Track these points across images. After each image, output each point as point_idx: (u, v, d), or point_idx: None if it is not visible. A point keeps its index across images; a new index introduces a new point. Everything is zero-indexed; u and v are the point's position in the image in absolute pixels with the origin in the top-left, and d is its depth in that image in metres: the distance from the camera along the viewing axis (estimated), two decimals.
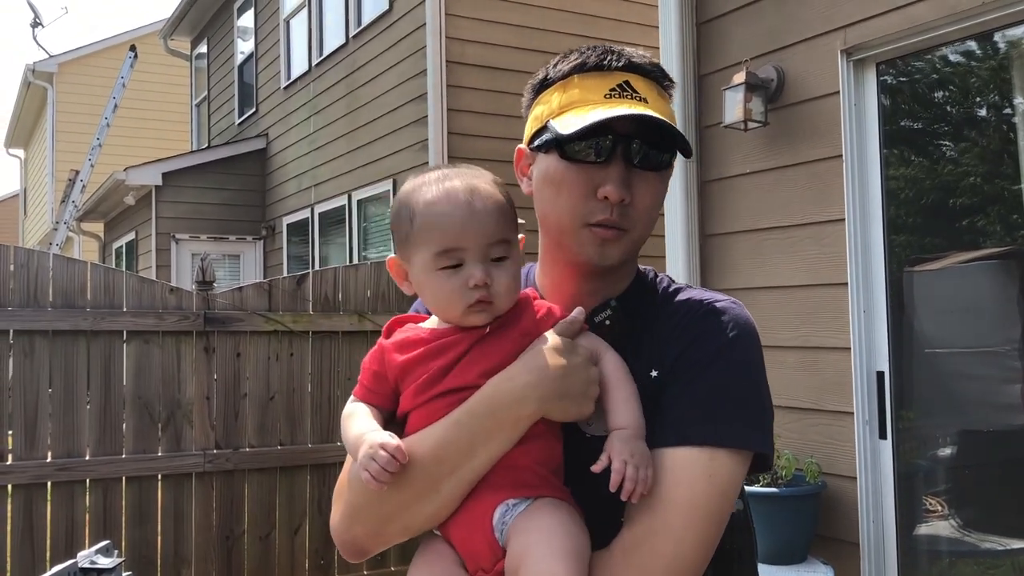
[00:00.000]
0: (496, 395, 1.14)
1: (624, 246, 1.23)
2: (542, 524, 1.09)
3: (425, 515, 1.17)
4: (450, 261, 1.17)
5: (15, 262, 4.09)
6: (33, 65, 18.01)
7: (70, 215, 12.89)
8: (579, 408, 1.15)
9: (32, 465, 4.04)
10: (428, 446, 1.15)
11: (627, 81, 1.23)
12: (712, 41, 4.10)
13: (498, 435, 1.14)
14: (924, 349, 3.59)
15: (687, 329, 1.23)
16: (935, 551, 3.56)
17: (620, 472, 1.09)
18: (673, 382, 1.20)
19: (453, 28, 7.43)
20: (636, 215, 1.22)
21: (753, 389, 1.22)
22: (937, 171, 3.55)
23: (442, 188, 1.19)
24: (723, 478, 1.15)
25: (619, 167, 1.20)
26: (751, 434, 1.19)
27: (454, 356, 1.18)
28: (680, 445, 1.15)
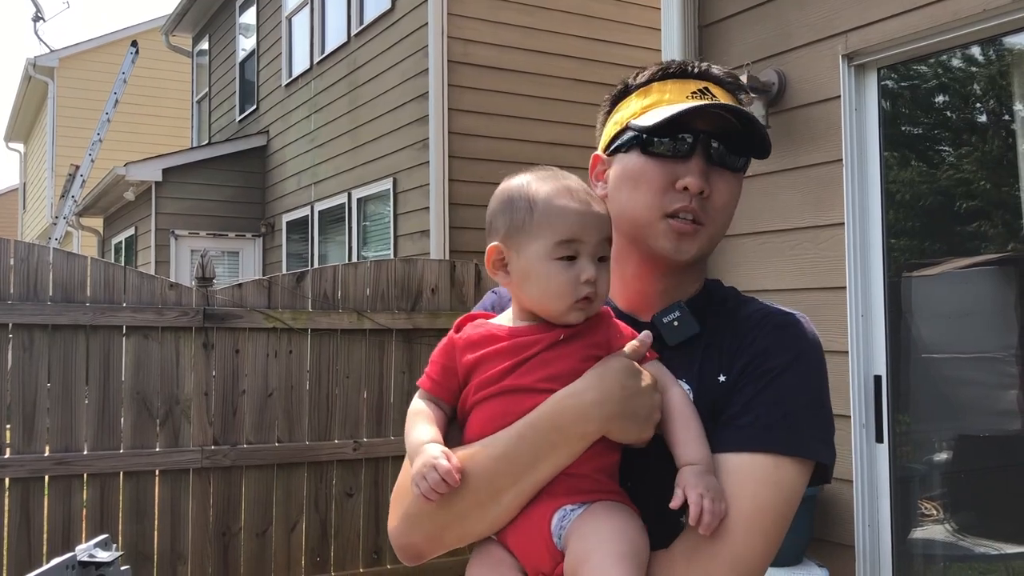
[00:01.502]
0: (561, 411, 1.14)
1: (700, 241, 1.25)
2: (600, 527, 1.11)
3: (484, 524, 1.18)
4: (567, 252, 1.18)
5: (15, 256, 4.10)
6: (34, 59, 18.00)
7: (69, 210, 12.88)
8: (640, 431, 1.15)
9: (30, 459, 4.05)
10: (490, 458, 1.15)
11: (706, 87, 1.28)
12: (714, 44, 4.11)
13: (562, 450, 1.14)
14: (921, 354, 3.60)
15: (759, 338, 1.25)
16: (930, 555, 3.57)
17: (698, 505, 1.10)
18: (741, 388, 1.21)
19: (455, 28, 7.44)
20: (713, 210, 1.25)
21: (819, 401, 1.24)
22: (936, 176, 3.56)
23: (562, 184, 1.22)
24: (787, 485, 1.17)
25: (699, 162, 1.24)
26: (816, 445, 1.21)
27: (524, 357, 1.19)
28: (747, 451, 1.17)
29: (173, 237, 11.05)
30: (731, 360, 1.24)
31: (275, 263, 10.97)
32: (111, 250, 13.89)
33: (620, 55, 8.15)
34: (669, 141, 1.24)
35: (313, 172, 9.87)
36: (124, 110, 14.66)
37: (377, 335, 4.80)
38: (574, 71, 7.92)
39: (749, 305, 1.31)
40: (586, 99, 7.94)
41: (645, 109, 1.28)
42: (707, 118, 1.25)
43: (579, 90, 7.92)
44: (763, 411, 1.19)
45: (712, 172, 1.25)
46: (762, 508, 1.15)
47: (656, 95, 1.28)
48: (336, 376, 4.72)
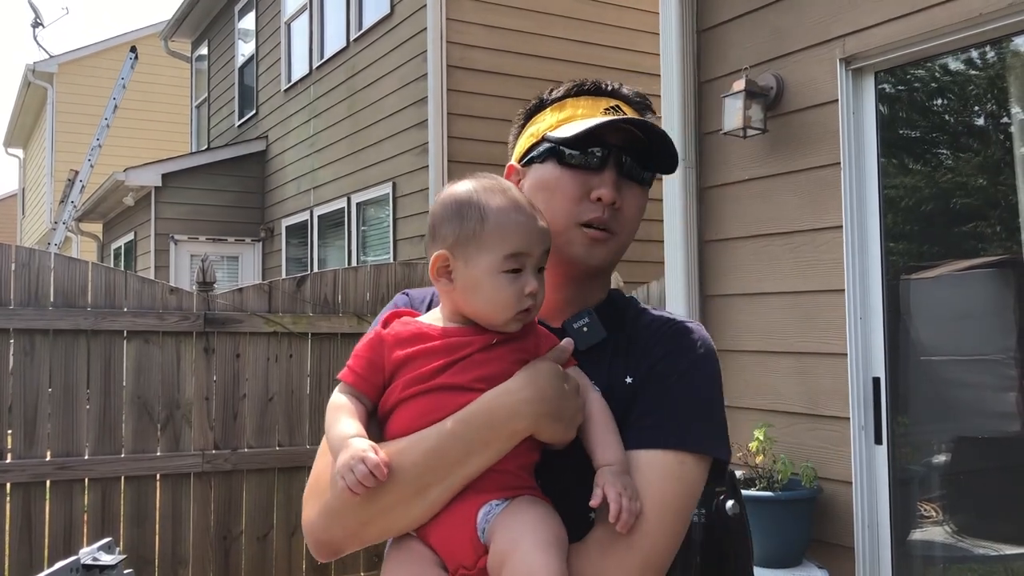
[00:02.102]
0: (496, 408, 1.18)
1: (611, 248, 1.34)
2: (525, 519, 1.14)
3: (408, 519, 1.20)
4: (514, 265, 1.22)
5: (16, 261, 4.11)
6: (33, 65, 18.01)
7: (69, 215, 12.89)
8: (565, 432, 1.21)
9: (31, 464, 4.06)
10: (420, 453, 1.17)
11: (618, 105, 1.37)
12: (712, 48, 4.13)
13: (493, 446, 1.18)
14: (920, 356, 3.62)
15: (663, 342, 1.33)
16: (929, 556, 3.59)
17: (617, 503, 1.16)
18: (647, 389, 1.29)
19: (454, 33, 7.46)
20: (623, 220, 1.33)
21: (717, 402, 1.33)
22: (934, 179, 3.58)
23: (511, 197, 1.25)
24: (689, 480, 1.26)
25: (612, 174, 1.32)
26: (714, 442, 1.31)
27: (457, 358, 1.21)
28: (654, 448, 1.25)
29: (173, 242, 11.06)
30: (636, 364, 1.32)
31: (275, 268, 10.98)
32: (110, 255, 13.89)
33: (618, 59, 8.18)
34: (584, 153, 1.32)
35: (312, 177, 9.88)
36: (123, 115, 14.69)
37: None
38: (572, 75, 7.93)
39: (649, 313, 1.40)
40: None
41: (560, 123, 1.35)
42: (619, 133, 1.33)
43: None
44: (667, 411, 1.27)
45: (623, 184, 1.33)
46: (669, 502, 1.23)
47: (571, 110, 1.37)
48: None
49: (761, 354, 3.84)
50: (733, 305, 3.98)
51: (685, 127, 4.09)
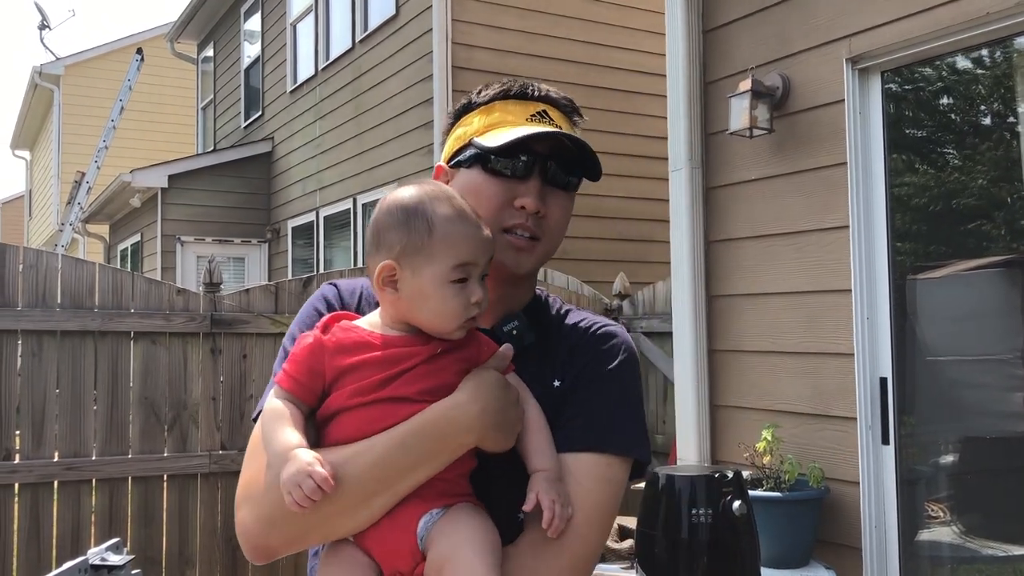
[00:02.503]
0: (446, 421, 1.19)
1: (536, 255, 1.36)
2: (463, 527, 1.17)
3: (351, 526, 1.20)
4: (461, 275, 1.22)
5: (24, 262, 4.12)
6: (40, 67, 18.07)
7: (75, 217, 12.93)
8: (507, 441, 1.24)
9: (39, 464, 4.07)
10: (366, 464, 1.17)
11: (545, 110, 1.38)
12: (718, 48, 4.12)
13: (439, 458, 1.20)
14: (927, 356, 3.61)
15: (585, 347, 1.38)
16: (937, 556, 3.58)
17: (551, 510, 1.20)
18: (575, 393, 1.34)
19: (459, 34, 7.47)
20: (548, 227, 1.36)
21: (639, 405, 1.38)
22: (941, 179, 3.57)
23: (456, 206, 1.25)
24: (616, 482, 1.31)
25: (536, 182, 1.34)
26: (638, 444, 1.35)
27: (402, 369, 1.21)
28: (584, 451, 1.29)
29: (179, 243, 11.08)
30: (564, 367, 1.36)
31: (281, 268, 10.99)
32: (117, 256, 13.93)
33: (624, 60, 8.18)
34: (509, 161, 1.33)
35: (318, 178, 9.90)
36: (130, 117, 14.73)
37: None
38: (577, 76, 7.94)
39: (572, 315, 1.44)
40: (589, 104, 7.95)
41: (487, 127, 1.36)
42: (545, 141, 1.34)
43: (582, 95, 7.89)
44: (595, 415, 1.31)
45: (547, 192, 1.35)
46: (598, 503, 1.28)
47: (499, 114, 1.37)
48: None
49: (767, 354, 3.84)
50: (739, 305, 3.98)
51: (691, 127, 4.09)
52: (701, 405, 4.03)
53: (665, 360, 5.36)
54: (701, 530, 2.51)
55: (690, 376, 4.03)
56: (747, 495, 2.46)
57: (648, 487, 2.54)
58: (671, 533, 2.52)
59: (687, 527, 2.52)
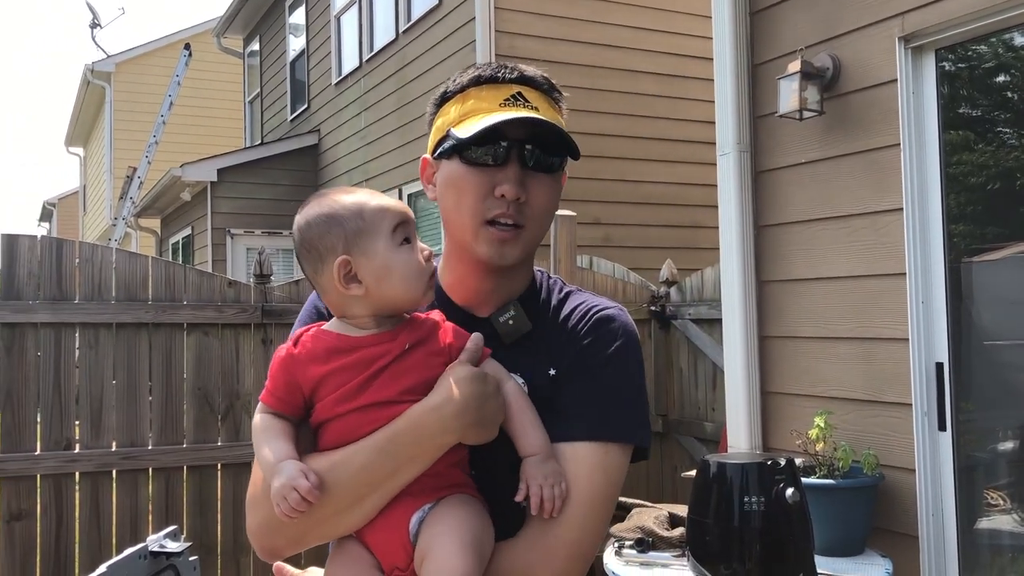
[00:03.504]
0: (421, 424, 1.20)
1: (521, 245, 1.32)
2: (445, 520, 1.19)
3: (347, 526, 1.24)
4: (404, 235, 1.26)
5: (80, 256, 4.21)
6: (92, 65, 18.42)
7: (128, 211, 13.18)
8: (489, 434, 1.24)
9: (98, 453, 4.17)
10: (351, 469, 1.20)
11: (520, 92, 1.35)
12: (766, 30, 4.06)
13: (420, 459, 1.21)
14: (985, 340, 3.53)
15: (581, 333, 1.35)
16: (997, 545, 3.50)
17: (538, 495, 1.21)
18: (570, 381, 1.31)
19: (502, 22, 7.45)
20: (531, 213, 1.32)
21: (639, 390, 1.36)
22: (999, 159, 3.48)
23: (350, 191, 1.29)
24: (614, 470, 1.29)
25: (514, 168, 1.30)
26: (638, 430, 1.33)
27: (377, 369, 1.22)
28: (579, 440, 1.27)
29: (229, 236, 11.24)
30: (559, 354, 1.33)
31: None
32: (168, 250, 14.17)
33: (669, 44, 8.09)
34: (485, 149, 1.30)
35: (364, 169, 9.96)
36: (179, 112, 14.96)
37: None
38: (622, 61, 7.88)
39: (572, 299, 1.41)
40: (634, 89, 7.90)
41: (463, 116, 1.33)
42: (521, 125, 1.30)
43: (627, 80, 7.88)
44: (591, 402, 1.29)
45: (528, 177, 1.31)
46: (596, 492, 1.26)
47: (473, 101, 1.34)
48: None
49: (820, 340, 3.78)
50: (790, 291, 3.92)
51: (739, 111, 4.03)
52: (752, 392, 3.98)
53: (713, 347, 5.31)
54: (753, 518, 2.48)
55: (740, 363, 3.99)
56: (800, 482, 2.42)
57: (699, 475, 2.51)
58: (723, 521, 2.50)
59: (739, 515, 2.49)
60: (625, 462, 1.32)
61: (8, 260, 4.07)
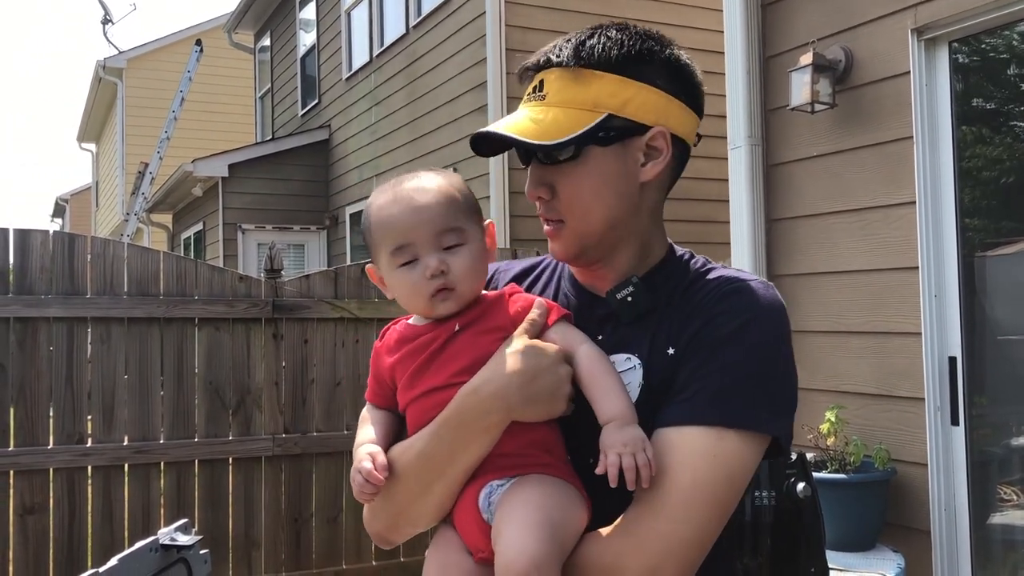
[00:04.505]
0: (463, 407, 1.17)
1: (566, 239, 1.26)
2: (520, 498, 1.12)
3: (426, 513, 1.25)
4: (405, 257, 1.23)
5: (92, 251, 4.22)
6: (103, 61, 18.48)
7: (140, 206, 13.22)
8: (550, 409, 1.16)
9: (111, 448, 4.18)
10: (411, 456, 1.22)
11: (541, 81, 1.26)
12: (777, 22, 4.03)
13: (474, 442, 1.17)
14: (998, 335, 3.51)
15: (708, 307, 1.21)
16: (1010, 540, 3.48)
17: (615, 466, 1.08)
18: (688, 360, 1.18)
19: (513, 15, 7.43)
20: (563, 207, 1.24)
21: (771, 371, 1.19)
22: (1012, 152, 3.45)
23: (391, 192, 1.25)
24: (730, 460, 1.13)
25: (533, 168, 1.27)
26: (764, 417, 1.16)
27: (429, 355, 1.23)
28: (687, 424, 1.14)
29: (240, 231, 11.27)
30: (680, 332, 1.21)
31: (340, 255, 11.11)
32: (180, 245, 14.22)
33: (680, 37, 8.02)
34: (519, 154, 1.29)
35: (375, 164, 9.97)
36: (190, 108, 14.98)
37: None
38: None
39: (708, 274, 1.27)
40: None
41: None
42: (481, 142, 1.27)
43: None
44: (706, 383, 1.15)
45: (549, 172, 1.24)
46: (700, 483, 1.11)
47: None
48: None
49: (832, 334, 3.76)
50: (802, 285, 3.90)
51: (750, 104, 4.02)
52: None
53: None
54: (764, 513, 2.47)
55: None
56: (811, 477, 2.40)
57: None
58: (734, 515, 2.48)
59: (750, 510, 2.48)
60: (747, 453, 1.15)
61: (21, 255, 4.09)
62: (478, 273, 1.26)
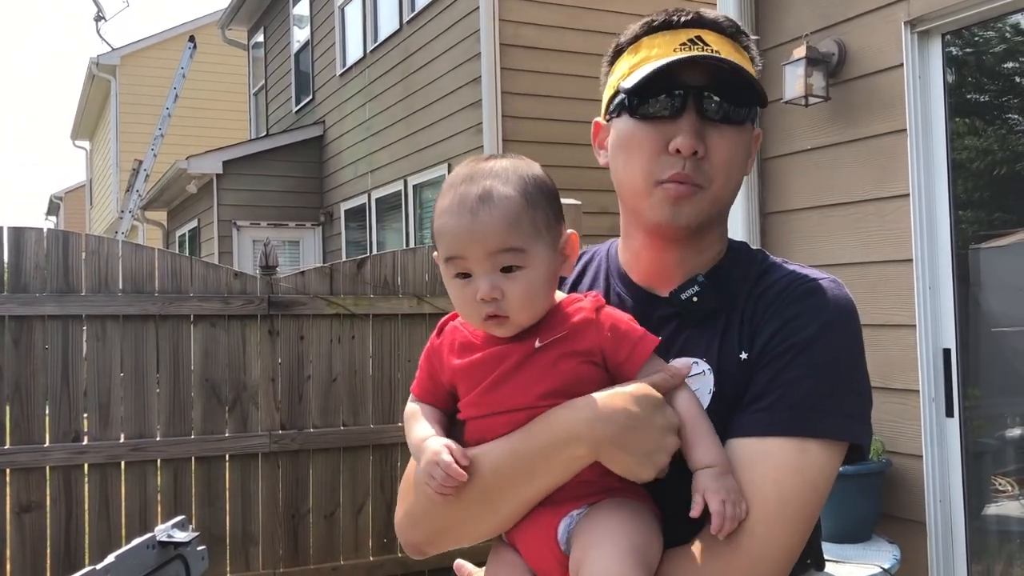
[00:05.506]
0: (554, 427, 1.08)
1: (700, 205, 1.15)
2: (600, 524, 1.07)
3: (481, 531, 1.16)
4: (459, 269, 1.12)
5: (87, 249, 4.22)
6: (97, 58, 18.43)
7: (134, 204, 13.20)
8: (640, 469, 1.06)
9: (107, 445, 4.18)
10: (485, 469, 1.11)
11: (699, 36, 1.17)
12: (771, 15, 4.04)
13: (555, 468, 1.08)
14: (992, 327, 3.52)
15: (782, 309, 1.15)
16: (1005, 531, 3.50)
17: (722, 514, 1.03)
18: (764, 366, 1.12)
19: (507, 10, 7.42)
20: (712, 169, 1.15)
21: (850, 376, 1.14)
22: (1005, 144, 3.46)
23: (457, 193, 1.12)
24: (814, 471, 1.08)
25: (691, 119, 1.13)
26: (847, 424, 1.12)
27: (505, 370, 1.12)
28: (769, 435, 1.09)
29: (235, 228, 11.26)
30: (752, 335, 1.14)
31: (335, 251, 11.11)
32: (175, 242, 14.20)
33: None
34: (659, 101, 1.14)
35: (369, 160, 9.96)
36: (184, 104, 14.95)
37: (437, 319, 4.82)
38: None
39: (775, 272, 1.20)
40: None
41: (632, 68, 1.17)
42: (699, 70, 1.14)
43: None
44: (786, 391, 1.09)
45: (708, 129, 1.14)
46: (786, 498, 1.06)
47: (645, 51, 1.18)
48: (398, 360, 4.77)
49: None
50: None
51: None
52: None
53: None
54: None
55: None
56: None
57: None
58: None
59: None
60: (832, 463, 1.10)
61: (15, 253, 4.08)
62: (538, 300, 1.12)
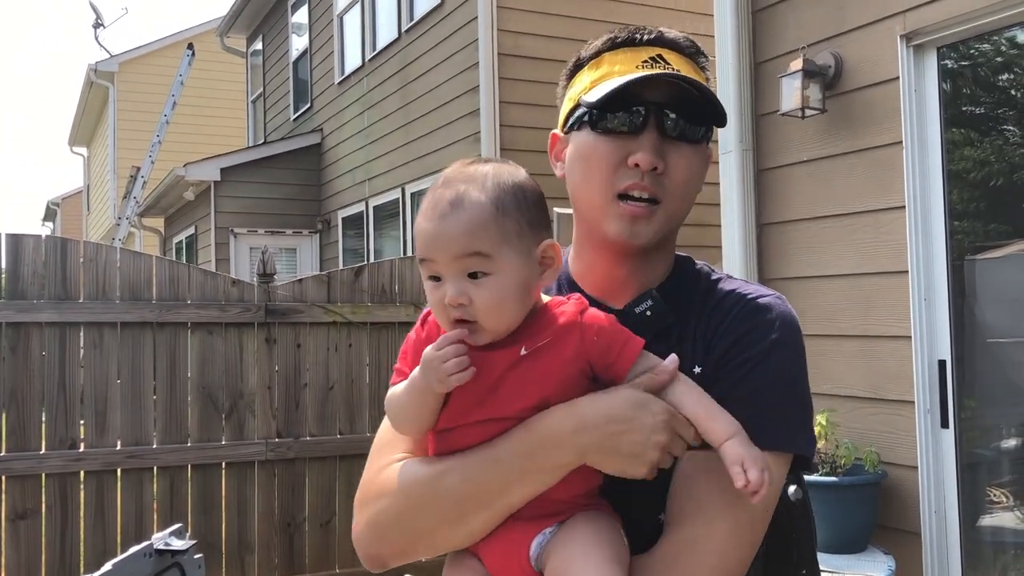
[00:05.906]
0: (537, 434, 1.08)
1: (656, 223, 1.17)
2: (581, 537, 1.07)
3: (453, 541, 1.15)
4: (430, 272, 1.11)
5: (84, 256, 4.22)
6: (95, 65, 18.44)
7: (132, 211, 13.20)
8: (631, 468, 1.07)
9: (103, 452, 4.18)
10: (459, 478, 1.10)
11: (660, 54, 1.20)
12: (768, 28, 4.06)
13: (536, 477, 1.08)
14: (987, 338, 3.53)
15: (732, 326, 1.18)
16: (999, 542, 3.51)
17: (762, 483, 1.02)
18: (717, 381, 1.15)
19: (505, 20, 7.45)
20: (670, 186, 1.17)
21: (797, 390, 1.19)
22: (1001, 156, 3.48)
23: (434, 196, 1.12)
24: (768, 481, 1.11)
25: (652, 136, 1.16)
26: (795, 436, 1.16)
27: (490, 377, 1.09)
28: None
29: (232, 235, 11.25)
30: (706, 350, 1.18)
31: (332, 259, 11.11)
32: (172, 249, 14.19)
33: None
34: (618, 115, 1.16)
35: (367, 168, 9.97)
36: (182, 112, 14.96)
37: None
38: None
39: (722, 287, 1.23)
40: None
41: (594, 83, 1.19)
42: (660, 88, 1.16)
43: None
44: (740, 405, 1.11)
45: (668, 146, 1.16)
46: (741, 507, 1.08)
47: (607, 67, 1.20)
48: None
49: (822, 338, 3.78)
50: (792, 289, 3.93)
51: (741, 109, 4.04)
52: None
53: None
54: None
55: None
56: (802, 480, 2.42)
57: None
58: None
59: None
60: (780, 473, 1.14)
61: (13, 260, 4.08)
62: (507, 308, 1.09)
